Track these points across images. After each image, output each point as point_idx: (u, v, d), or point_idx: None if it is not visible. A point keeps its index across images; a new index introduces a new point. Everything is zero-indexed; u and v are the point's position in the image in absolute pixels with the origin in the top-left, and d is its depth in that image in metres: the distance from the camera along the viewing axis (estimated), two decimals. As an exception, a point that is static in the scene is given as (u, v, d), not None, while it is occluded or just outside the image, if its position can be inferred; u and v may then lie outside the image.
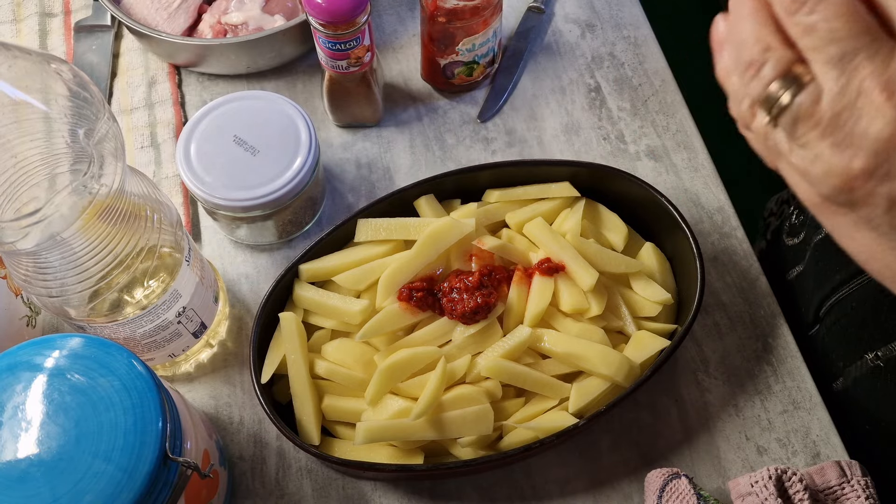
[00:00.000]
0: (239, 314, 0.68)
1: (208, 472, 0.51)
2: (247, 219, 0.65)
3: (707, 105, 0.85)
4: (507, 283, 0.61)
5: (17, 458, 0.42)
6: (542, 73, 0.79)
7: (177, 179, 0.73)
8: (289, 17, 0.76)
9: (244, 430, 0.63)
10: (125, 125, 0.76)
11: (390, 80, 0.79)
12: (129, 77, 0.79)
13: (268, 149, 0.63)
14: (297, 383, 0.59)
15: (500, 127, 0.76)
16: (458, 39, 0.71)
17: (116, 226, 0.49)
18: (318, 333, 0.61)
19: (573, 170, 0.66)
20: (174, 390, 0.52)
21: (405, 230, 0.63)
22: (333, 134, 0.76)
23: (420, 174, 0.73)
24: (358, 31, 0.64)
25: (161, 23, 0.75)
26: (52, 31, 0.82)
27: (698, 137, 0.75)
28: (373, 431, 0.56)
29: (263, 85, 0.79)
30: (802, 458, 0.61)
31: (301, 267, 0.62)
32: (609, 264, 0.62)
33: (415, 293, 0.59)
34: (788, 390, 0.63)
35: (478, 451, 0.57)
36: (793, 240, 0.72)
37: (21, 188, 0.43)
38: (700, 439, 0.62)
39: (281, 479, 0.61)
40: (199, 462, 0.50)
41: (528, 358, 0.59)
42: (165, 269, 0.55)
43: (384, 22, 0.82)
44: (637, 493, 0.60)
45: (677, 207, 0.63)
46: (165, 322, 0.57)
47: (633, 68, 0.79)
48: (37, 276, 0.49)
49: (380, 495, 0.60)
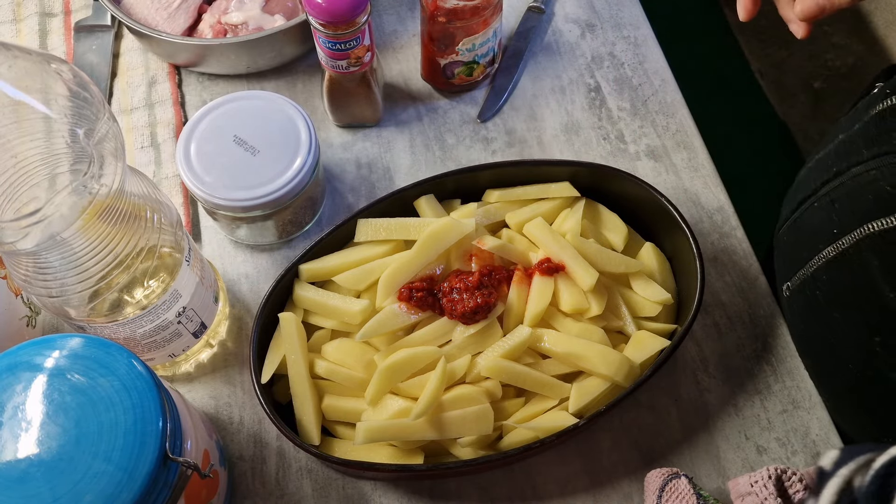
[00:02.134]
0: (239, 314, 0.68)
1: (208, 472, 0.51)
2: (247, 219, 0.65)
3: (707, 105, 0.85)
4: (507, 283, 0.61)
5: (17, 458, 0.42)
6: (542, 73, 0.79)
7: (177, 179, 0.73)
8: (289, 17, 0.76)
9: (244, 430, 0.63)
10: (125, 125, 0.76)
11: (390, 80, 0.79)
12: (129, 77, 0.79)
13: (268, 149, 0.63)
14: (297, 383, 0.59)
15: (500, 127, 0.76)
16: (458, 39, 0.71)
17: (116, 226, 0.49)
18: (318, 333, 0.61)
19: (573, 170, 0.66)
20: (174, 390, 0.52)
21: (405, 230, 0.63)
22: (333, 134, 0.76)
23: (420, 174, 0.73)
24: (358, 31, 0.64)
25: (161, 23, 0.75)
26: (52, 31, 0.82)
27: (698, 137, 0.76)
28: (373, 431, 0.56)
29: (263, 85, 0.79)
30: (802, 458, 0.61)
31: (301, 267, 0.62)
32: (609, 264, 0.62)
33: (415, 293, 0.59)
34: (788, 390, 0.64)
35: (478, 451, 0.58)
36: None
37: (21, 188, 0.43)
38: (700, 439, 0.62)
39: (281, 479, 0.61)
40: (199, 462, 0.50)
41: (528, 358, 0.59)
42: (165, 269, 0.55)
43: (384, 22, 0.82)
44: (637, 493, 0.60)
45: (677, 207, 0.63)
46: (165, 322, 0.57)
47: (633, 68, 0.79)
48: (37, 276, 0.49)
49: (380, 495, 0.60)
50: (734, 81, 1.58)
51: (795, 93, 1.47)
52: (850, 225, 0.58)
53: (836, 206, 0.60)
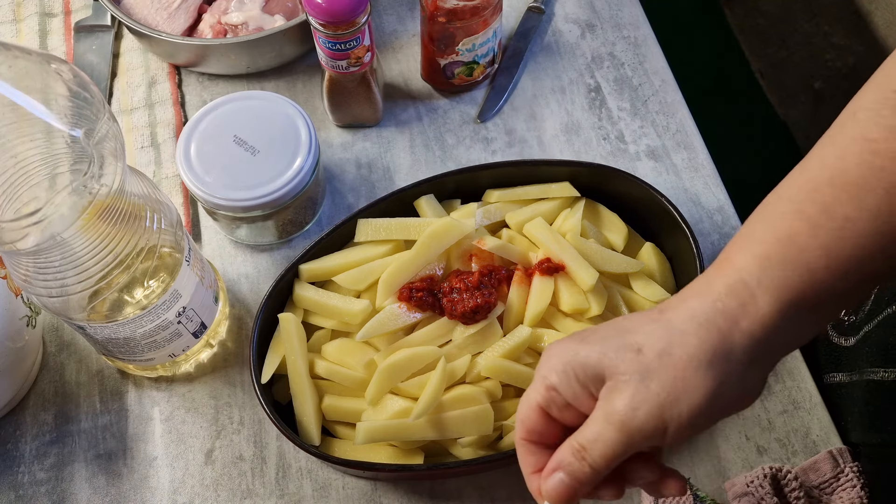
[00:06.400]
0: (239, 314, 0.68)
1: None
2: (247, 219, 0.65)
3: (707, 105, 0.85)
4: (507, 283, 0.61)
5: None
6: (542, 73, 0.79)
7: (177, 179, 0.73)
8: (289, 17, 0.76)
9: (244, 430, 0.63)
10: (125, 125, 0.76)
11: (390, 80, 0.79)
12: (129, 77, 0.79)
13: (268, 149, 0.63)
14: (297, 383, 0.59)
15: (500, 127, 0.76)
16: (458, 39, 0.71)
17: (116, 226, 0.49)
18: (318, 333, 0.61)
19: (573, 170, 0.66)
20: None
21: (405, 230, 0.63)
22: (333, 134, 0.76)
23: (420, 174, 0.73)
24: (358, 31, 0.64)
25: (161, 23, 0.75)
26: (52, 31, 0.82)
27: (698, 137, 0.75)
28: (373, 431, 0.56)
29: (263, 85, 0.79)
30: (802, 458, 0.61)
31: (301, 267, 0.62)
32: (609, 264, 0.62)
33: (415, 293, 0.59)
34: (788, 390, 0.64)
35: (478, 451, 0.58)
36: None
37: (21, 188, 0.43)
38: (700, 439, 0.62)
39: (281, 479, 0.61)
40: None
41: (528, 358, 0.59)
42: (165, 269, 0.55)
43: (384, 22, 0.82)
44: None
45: (677, 207, 0.63)
46: (165, 322, 0.57)
47: (633, 68, 0.79)
48: (37, 276, 0.49)
49: (380, 495, 0.60)
50: (734, 81, 1.58)
51: (795, 93, 1.47)
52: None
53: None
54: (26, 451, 0.62)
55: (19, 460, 0.62)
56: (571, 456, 0.41)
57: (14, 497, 0.61)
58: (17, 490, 0.61)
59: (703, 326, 0.39)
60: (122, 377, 0.65)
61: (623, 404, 0.39)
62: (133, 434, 0.63)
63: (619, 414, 0.39)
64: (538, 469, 0.43)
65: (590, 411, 0.41)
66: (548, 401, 0.42)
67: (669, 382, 0.38)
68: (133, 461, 0.62)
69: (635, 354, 0.40)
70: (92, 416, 0.64)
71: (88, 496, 0.61)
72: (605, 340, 0.41)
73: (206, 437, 0.63)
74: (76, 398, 0.64)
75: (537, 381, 0.42)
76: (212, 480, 0.61)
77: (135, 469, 0.62)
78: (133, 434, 0.63)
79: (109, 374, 0.65)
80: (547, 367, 0.42)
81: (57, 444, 0.63)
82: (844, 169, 0.40)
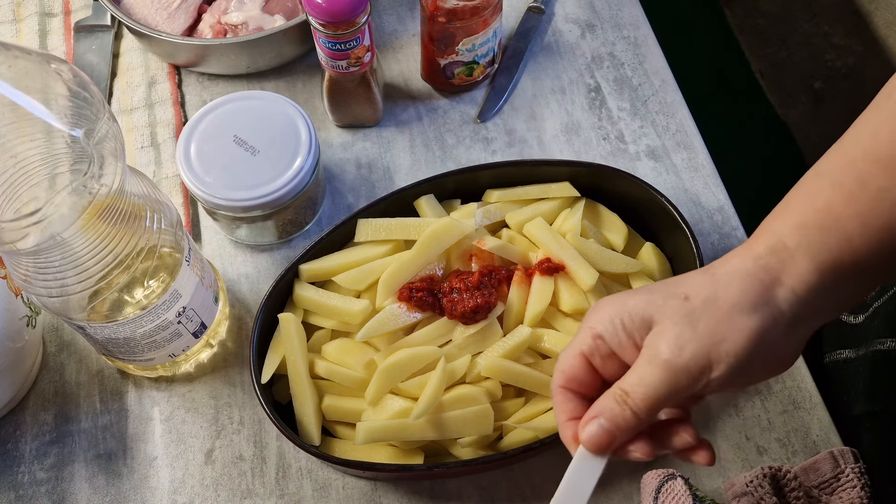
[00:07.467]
0: (239, 314, 0.68)
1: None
2: (247, 219, 0.65)
3: (707, 105, 0.85)
4: (507, 283, 0.61)
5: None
6: (542, 73, 0.79)
7: (177, 179, 0.73)
8: (289, 17, 0.76)
9: (244, 430, 0.63)
10: (125, 125, 0.76)
11: (390, 80, 0.79)
12: (129, 77, 0.79)
13: (268, 149, 0.63)
14: (297, 383, 0.59)
15: (500, 127, 0.76)
16: (458, 39, 0.71)
17: (116, 226, 0.49)
18: (318, 333, 0.61)
19: (573, 170, 0.66)
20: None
21: (405, 230, 0.63)
22: (333, 134, 0.76)
23: (420, 174, 0.73)
24: (358, 31, 0.64)
25: (161, 23, 0.75)
26: (52, 31, 0.82)
27: (698, 137, 0.76)
28: (373, 431, 0.56)
29: (263, 85, 0.79)
30: (802, 458, 0.61)
31: (301, 267, 0.62)
32: (609, 264, 0.62)
33: (415, 293, 0.59)
34: (788, 390, 0.64)
35: (478, 451, 0.58)
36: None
37: (21, 188, 0.43)
38: (700, 439, 0.62)
39: (281, 479, 0.61)
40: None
41: (528, 358, 0.59)
42: (165, 269, 0.55)
43: (384, 22, 0.82)
44: (637, 493, 0.60)
45: (677, 207, 0.63)
46: (165, 322, 0.57)
47: (633, 68, 0.79)
48: (37, 276, 0.49)
49: (380, 495, 0.60)
50: (734, 81, 1.58)
51: (795, 93, 1.47)
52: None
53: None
54: (26, 451, 0.62)
55: (19, 460, 0.62)
56: (613, 402, 0.42)
57: (14, 497, 0.61)
58: (17, 490, 0.61)
59: (745, 279, 0.41)
60: (122, 377, 0.65)
61: (669, 345, 0.41)
62: (133, 434, 0.63)
63: (665, 353, 0.40)
64: (573, 417, 0.44)
65: (632, 362, 0.42)
66: (592, 349, 0.43)
67: (714, 323, 0.40)
68: (133, 461, 0.62)
69: (682, 301, 0.41)
70: (92, 416, 0.64)
71: (88, 496, 0.61)
72: (653, 291, 0.43)
73: (206, 437, 0.63)
74: (76, 398, 0.64)
75: (583, 331, 0.44)
76: (212, 480, 0.61)
77: (135, 469, 0.62)
78: (133, 434, 0.63)
79: (109, 374, 0.65)
80: (595, 318, 0.43)
81: (57, 444, 0.63)
82: (878, 144, 0.41)
